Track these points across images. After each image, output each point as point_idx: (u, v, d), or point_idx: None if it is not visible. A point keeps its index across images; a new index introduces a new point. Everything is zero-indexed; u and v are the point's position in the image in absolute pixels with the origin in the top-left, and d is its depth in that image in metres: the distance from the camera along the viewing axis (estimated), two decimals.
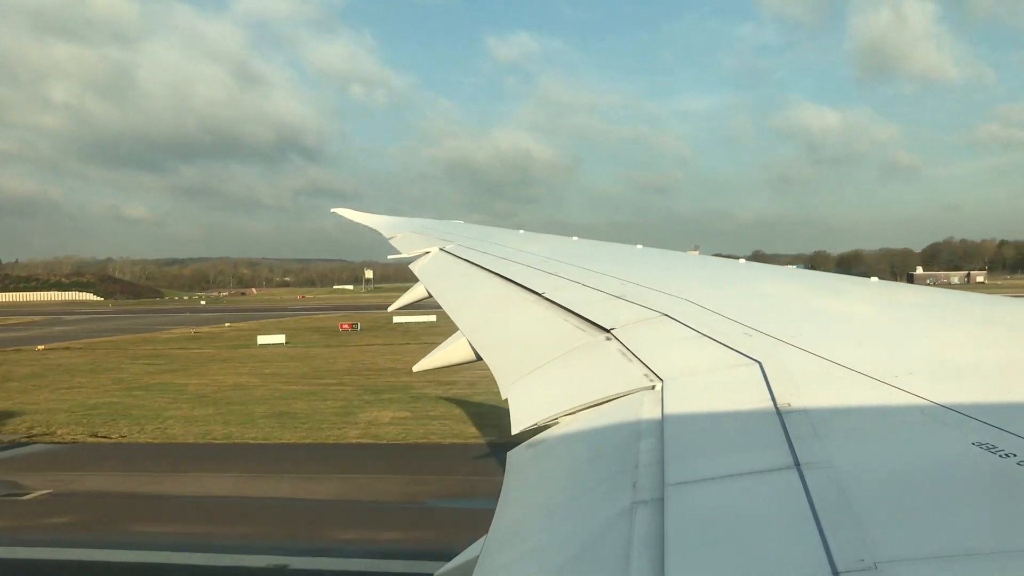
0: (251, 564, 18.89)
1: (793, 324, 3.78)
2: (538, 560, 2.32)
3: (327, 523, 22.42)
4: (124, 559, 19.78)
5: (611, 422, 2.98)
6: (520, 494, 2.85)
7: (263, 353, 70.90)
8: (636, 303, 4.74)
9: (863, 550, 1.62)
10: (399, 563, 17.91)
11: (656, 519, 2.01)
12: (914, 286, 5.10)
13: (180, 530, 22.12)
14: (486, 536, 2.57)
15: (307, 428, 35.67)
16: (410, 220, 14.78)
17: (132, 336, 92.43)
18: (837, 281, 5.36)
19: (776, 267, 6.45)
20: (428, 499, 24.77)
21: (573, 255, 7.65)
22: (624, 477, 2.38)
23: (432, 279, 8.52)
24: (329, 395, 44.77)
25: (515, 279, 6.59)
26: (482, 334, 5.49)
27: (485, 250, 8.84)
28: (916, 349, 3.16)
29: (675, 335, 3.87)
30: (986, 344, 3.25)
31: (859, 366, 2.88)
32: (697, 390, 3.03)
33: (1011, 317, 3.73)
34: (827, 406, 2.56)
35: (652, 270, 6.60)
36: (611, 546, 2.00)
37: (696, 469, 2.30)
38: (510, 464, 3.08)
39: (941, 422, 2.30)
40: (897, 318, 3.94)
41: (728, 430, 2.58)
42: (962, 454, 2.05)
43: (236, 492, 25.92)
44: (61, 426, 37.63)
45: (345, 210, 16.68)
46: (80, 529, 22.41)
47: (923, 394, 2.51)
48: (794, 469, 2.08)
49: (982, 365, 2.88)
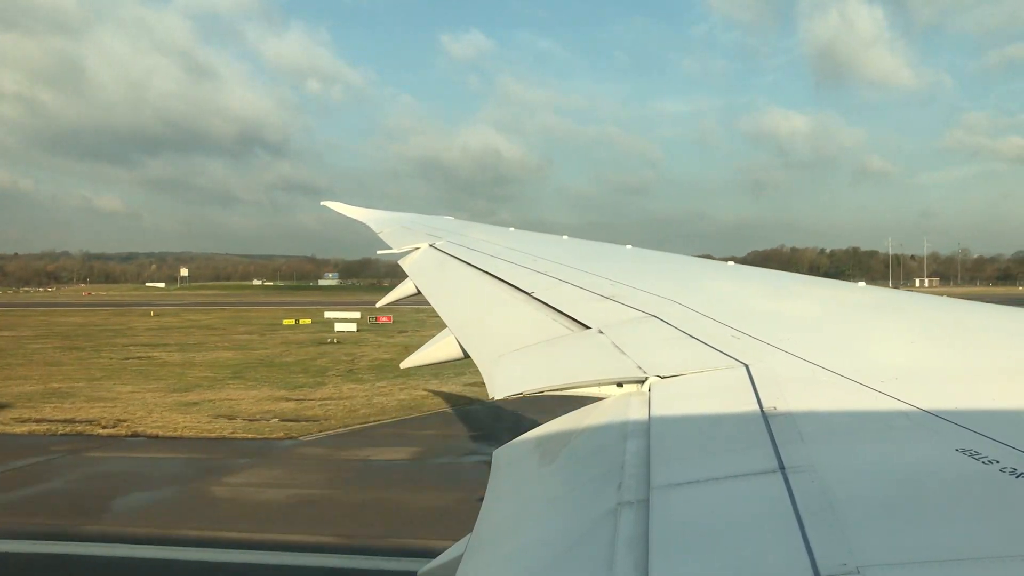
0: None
1: (780, 327, 3.80)
2: (522, 559, 2.31)
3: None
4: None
5: (597, 422, 2.98)
6: (505, 493, 2.84)
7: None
8: (626, 304, 4.75)
9: (846, 555, 1.62)
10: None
11: (641, 520, 2.01)
12: (901, 291, 5.13)
13: None
14: (470, 535, 2.56)
15: None
16: (399, 215, 14.69)
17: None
18: (825, 285, 5.40)
19: (765, 270, 6.48)
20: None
21: (563, 254, 7.66)
22: (610, 478, 2.38)
23: (421, 275, 8.51)
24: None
25: (504, 277, 6.59)
26: (470, 332, 5.48)
27: (475, 247, 8.83)
28: (902, 354, 3.18)
29: (664, 336, 3.88)
30: (971, 350, 3.27)
31: (845, 370, 2.89)
32: (684, 391, 3.04)
33: (995, 324, 3.76)
34: (812, 410, 2.57)
35: (642, 271, 6.62)
36: (595, 547, 2.00)
37: (682, 471, 2.31)
38: (495, 463, 3.07)
39: (925, 428, 2.32)
40: (885, 323, 3.97)
41: (714, 432, 2.58)
42: (945, 460, 2.06)
43: None
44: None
45: (335, 203, 16.47)
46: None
47: (908, 399, 2.52)
48: (779, 473, 2.09)
49: (966, 371, 2.90)
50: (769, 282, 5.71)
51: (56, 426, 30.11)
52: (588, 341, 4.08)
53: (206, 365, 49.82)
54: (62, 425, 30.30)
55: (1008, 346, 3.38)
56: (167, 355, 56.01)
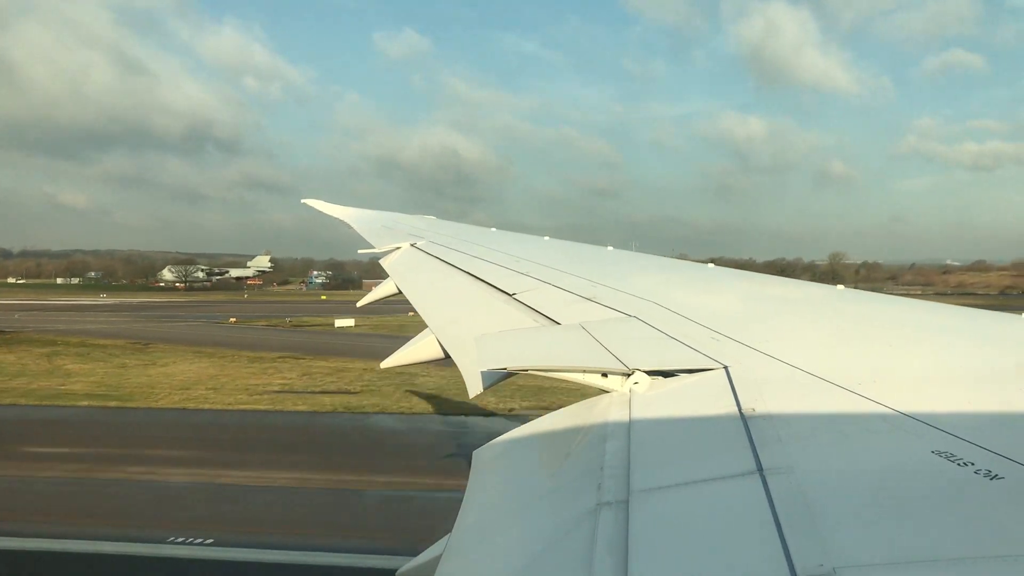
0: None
1: (759, 329, 3.82)
2: (502, 559, 2.31)
3: None
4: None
5: (577, 423, 2.98)
6: (484, 493, 2.83)
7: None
8: (606, 305, 4.75)
9: (823, 556, 1.63)
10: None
11: (620, 521, 2.01)
12: (881, 295, 5.17)
13: None
14: (449, 534, 2.55)
15: None
16: (381, 214, 14.56)
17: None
18: (804, 287, 5.43)
19: (744, 272, 6.51)
20: None
21: (544, 255, 7.65)
22: (589, 478, 2.38)
23: (402, 276, 8.46)
24: None
25: (486, 278, 6.58)
26: (451, 333, 5.46)
27: (456, 248, 8.80)
28: (880, 357, 3.21)
29: (645, 337, 3.89)
30: (948, 354, 3.31)
31: (823, 373, 2.91)
32: (664, 393, 3.04)
33: (974, 328, 3.80)
34: (791, 412, 2.58)
35: (622, 272, 6.63)
36: (575, 547, 2.00)
37: (661, 473, 2.31)
38: (475, 463, 3.06)
39: (902, 430, 2.34)
40: (863, 326, 4.00)
41: (694, 434, 2.59)
42: (922, 462, 2.08)
43: None
44: None
45: (316, 201, 16.18)
46: None
47: (885, 402, 2.54)
48: (757, 475, 2.10)
49: (943, 375, 2.93)
50: (747, 284, 5.73)
51: None
52: (574, 332, 4.08)
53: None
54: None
55: (984, 349, 3.42)
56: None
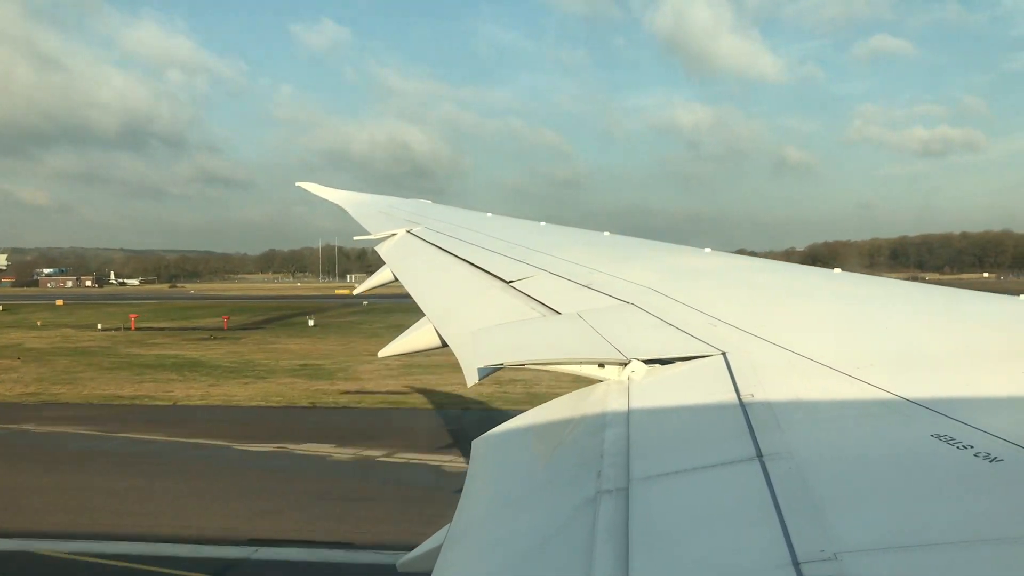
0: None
1: (758, 315, 3.82)
2: (502, 549, 2.31)
3: None
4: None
5: (576, 412, 2.98)
6: (484, 483, 2.83)
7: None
8: (603, 292, 4.75)
9: (824, 541, 1.63)
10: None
11: (620, 509, 2.01)
12: (880, 278, 5.16)
13: None
14: (449, 525, 2.55)
15: None
16: (377, 198, 14.33)
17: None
18: (802, 272, 5.42)
19: (742, 257, 6.50)
20: None
21: (540, 241, 7.63)
22: (589, 467, 2.38)
23: (398, 263, 8.43)
24: None
25: (482, 265, 6.56)
26: (448, 321, 5.45)
27: (453, 234, 8.77)
28: (878, 341, 3.21)
29: (643, 323, 3.88)
30: (947, 337, 3.30)
31: (822, 358, 2.91)
32: (662, 380, 3.04)
33: (973, 310, 3.79)
34: (790, 398, 2.58)
35: (619, 258, 6.61)
36: (575, 536, 2.00)
37: (661, 460, 2.31)
38: (474, 453, 3.06)
39: (901, 414, 2.34)
40: (861, 310, 3.99)
41: (693, 421, 2.59)
42: (921, 446, 2.08)
43: None
44: None
45: (310, 184, 15.63)
46: None
47: (884, 386, 2.54)
48: (756, 461, 2.10)
49: (942, 358, 2.93)
50: (744, 268, 5.73)
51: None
52: (569, 323, 4.08)
53: None
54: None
55: (984, 332, 3.42)
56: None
